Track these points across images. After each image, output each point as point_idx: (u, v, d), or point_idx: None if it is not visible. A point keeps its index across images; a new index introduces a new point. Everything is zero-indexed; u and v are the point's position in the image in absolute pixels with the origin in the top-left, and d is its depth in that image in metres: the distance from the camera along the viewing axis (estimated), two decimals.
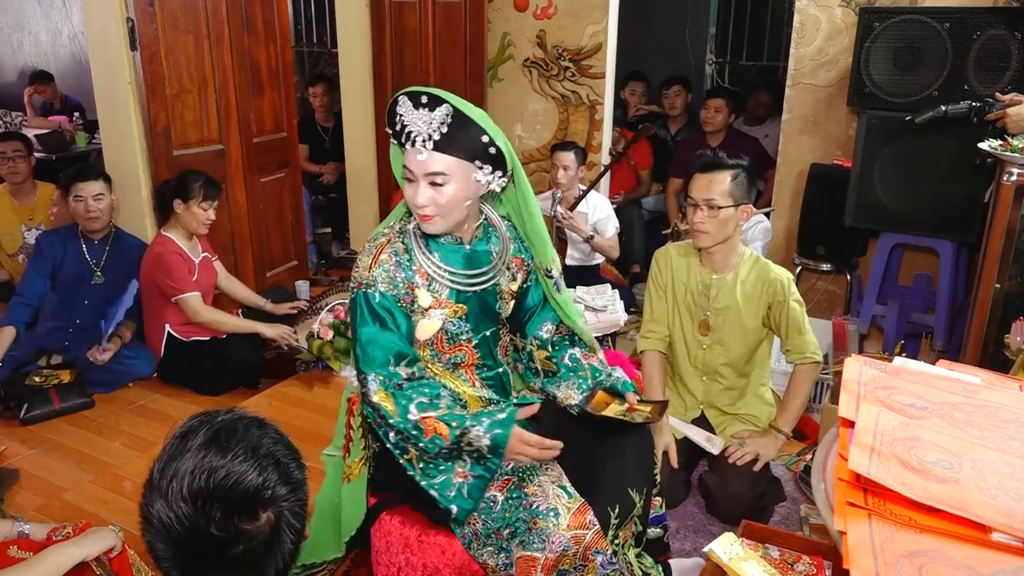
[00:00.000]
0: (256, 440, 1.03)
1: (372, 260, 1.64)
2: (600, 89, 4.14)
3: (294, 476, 1.05)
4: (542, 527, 1.55)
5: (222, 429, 1.03)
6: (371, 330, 1.62)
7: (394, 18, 4.34)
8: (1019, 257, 2.30)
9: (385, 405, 1.58)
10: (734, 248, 2.29)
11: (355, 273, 1.65)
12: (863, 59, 2.93)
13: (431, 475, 1.60)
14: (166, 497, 0.97)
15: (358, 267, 1.65)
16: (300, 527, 1.06)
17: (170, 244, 3.20)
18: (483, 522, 1.62)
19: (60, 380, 3.04)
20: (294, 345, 3.35)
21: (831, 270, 3.51)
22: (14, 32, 7.02)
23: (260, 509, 0.99)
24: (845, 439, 1.12)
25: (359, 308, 1.63)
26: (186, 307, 3.17)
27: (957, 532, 0.94)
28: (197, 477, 0.97)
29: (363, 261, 1.64)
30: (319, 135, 5.16)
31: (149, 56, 3.22)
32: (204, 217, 3.21)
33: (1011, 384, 1.33)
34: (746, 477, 2.27)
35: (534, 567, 1.55)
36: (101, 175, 3.20)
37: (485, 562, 1.61)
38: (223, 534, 0.97)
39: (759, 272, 2.29)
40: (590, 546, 1.58)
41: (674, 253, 2.41)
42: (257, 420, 1.08)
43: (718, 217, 2.19)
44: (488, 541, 1.61)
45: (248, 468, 0.99)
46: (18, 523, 1.68)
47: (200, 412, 1.08)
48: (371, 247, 1.66)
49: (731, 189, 2.18)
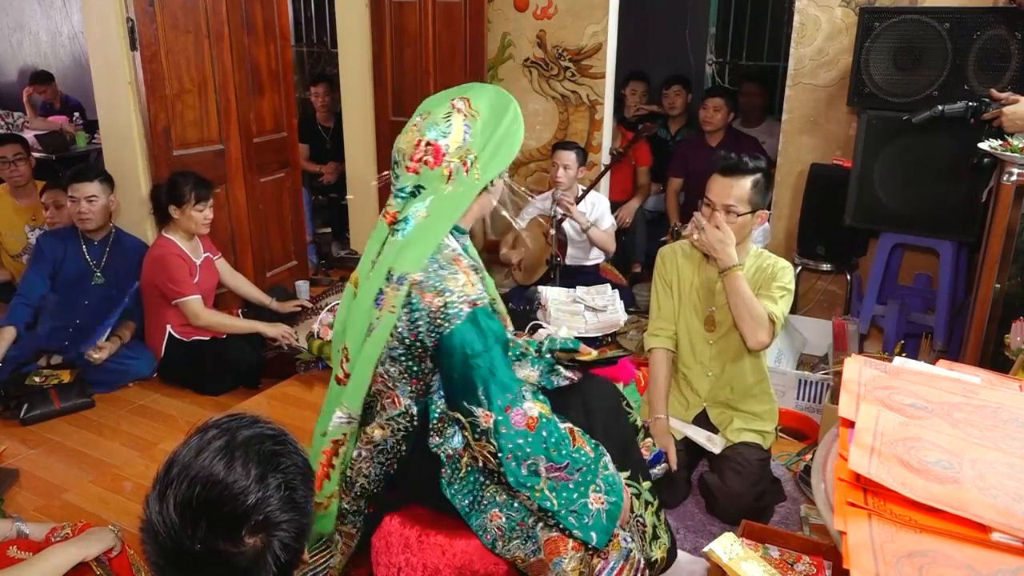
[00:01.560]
0: (267, 458, 0.99)
1: (465, 277, 1.54)
2: (600, 89, 4.14)
3: (298, 502, 1.00)
4: None
5: (236, 441, 0.99)
6: (500, 348, 1.54)
7: (394, 18, 4.34)
8: (1019, 257, 2.30)
9: (545, 412, 1.56)
10: (743, 246, 2.28)
11: (449, 298, 1.50)
12: (863, 59, 2.93)
13: (570, 502, 1.55)
14: (162, 500, 0.95)
15: (452, 291, 1.50)
16: (290, 560, 1.00)
17: (171, 246, 3.20)
18: (507, 516, 1.63)
19: (60, 380, 3.04)
20: (294, 345, 3.35)
21: (831, 270, 3.51)
22: (14, 32, 7.02)
23: (247, 534, 0.95)
24: (845, 439, 1.12)
25: (481, 330, 1.51)
26: (186, 310, 3.17)
27: (957, 532, 0.94)
28: (193, 486, 0.94)
29: (454, 281, 1.51)
30: (319, 135, 5.16)
31: (149, 56, 3.22)
32: (201, 218, 3.21)
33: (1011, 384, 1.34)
34: (746, 477, 2.27)
35: (564, 546, 1.58)
36: (98, 176, 3.19)
37: (514, 555, 1.62)
38: (203, 551, 0.94)
39: (758, 264, 2.30)
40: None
41: (680, 251, 2.42)
42: (277, 436, 1.03)
43: (736, 223, 2.17)
44: (514, 534, 1.62)
45: (246, 487, 0.95)
46: (18, 523, 1.68)
47: (228, 415, 1.04)
48: (446, 264, 1.55)
49: (751, 195, 2.17)
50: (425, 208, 1.56)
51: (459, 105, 1.56)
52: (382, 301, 1.55)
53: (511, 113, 1.59)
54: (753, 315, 2.13)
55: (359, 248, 4.96)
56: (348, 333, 1.65)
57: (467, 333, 1.49)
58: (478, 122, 1.56)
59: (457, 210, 1.58)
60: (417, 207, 1.56)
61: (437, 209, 1.56)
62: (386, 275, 1.55)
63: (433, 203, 1.56)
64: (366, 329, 1.59)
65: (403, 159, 1.57)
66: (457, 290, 1.50)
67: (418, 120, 1.58)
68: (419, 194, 1.56)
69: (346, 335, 1.65)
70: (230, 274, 3.52)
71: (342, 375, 1.66)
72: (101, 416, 3.00)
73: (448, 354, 1.51)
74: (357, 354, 1.60)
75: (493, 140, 1.56)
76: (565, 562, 1.57)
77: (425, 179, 1.55)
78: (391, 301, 1.53)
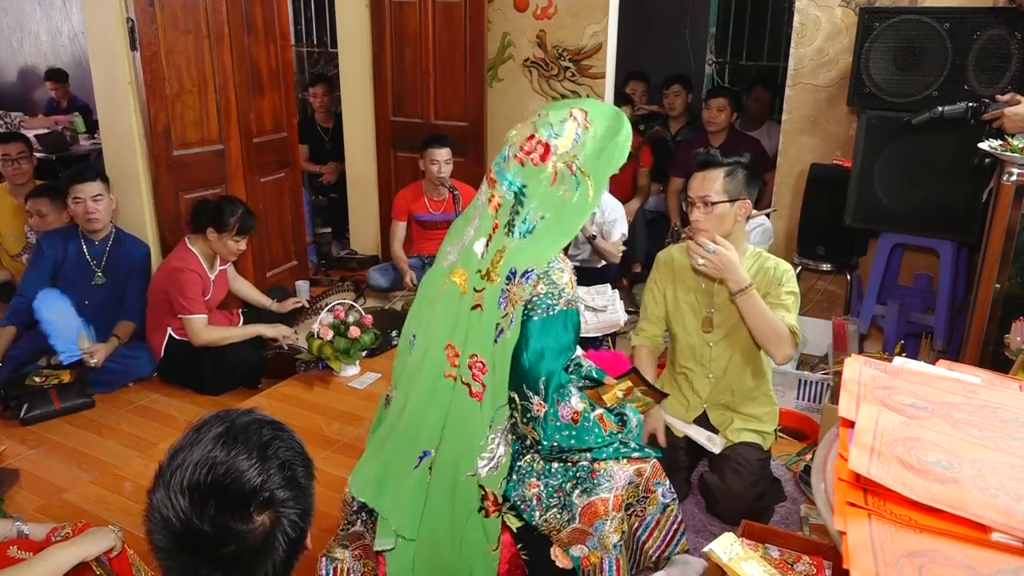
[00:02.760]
0: (266, 442, 1.02)
1: (570, 276, 1.66)
2: (600, 89, 4.14)
3: (300, 482, 1.04)
4: (605, 468, 1.68)
5: (235, 427, 1.03)
6: (571, 351, 1.67)
7: (394, 18, 4.35)
8: (1019, 257, 2.30)
9: (586, 407, 1.66)
10: (738, 246, 2.26)
11: (552, 289, 1.60)
12: (863, 59, 2.93)
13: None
14: (168, 487, 0.97)
15: (556, 284, 1.60)
16: (298, 537, 1.04)
17: (191, 261, 3.19)
18: (545, 483, 1.69)
19: (60, 380, 3.04)
20: (294, 345, 3.35)
21: (831, 270, 3.51)
22: (14, 32, 7.01)
23: (256, 511, 0.98)
24: (845, 439, 1.12)
25: (566, 328, 1.62)
26: (189, 327, 3.17)
27: (957, 532, 0.94)
28: (199, 470, 0.97)
29: (560, 277, 1.62)
30: (319, 135, 5.16)
31: (149, 56, 3.22)
32: (236, 248, 3.22)
33: (1011, 384, 1.34)
34: (746, 477, 2.27)
35: (604, 508, 1.65)
36: (98, 176, 3.19)
37: (550, 525, 1.68)
38: (215, 531, 0.96)
39: (759, 265, 2.29)
40: (651, 477, 1.77)
41: (676, 253, 2.42)
42: (274, 423, 1.07)
43: (713, 213, 2.18)
44: (552, 501, 1.68)
45: (250, 467, 0.99)
46: (18, 523, 1.68)
47: (224, 410, 1.08)
48: (558, 260, 1.64)
49: (725, 185, 2.18)
50: (540, 211, 1.60)
51: (576, 115, 1.62)
52: (505, 299, 1.58)
53: (623, 135, 1.65)
54: (776, 333, 2.11)
55: (359, 248, 4.96)
56: (468, 342, 1.60)
57: (555, 326, 1.59)
58: (589, 133, 1.61)
59: (581, 215, 1.62)
60: (531, 209, 1.60)
61: (559, 213, 1.60)
62: (507, 277, 1.58)
63: (546, 206, 1.60)
64: (493, 331, 1.58)
65: (512, 148, 1.62)
66: (562, 285, 1.61)
67: (536, 118, 1.64)
68: (524, 195, 1.60)
69: (466, 345, 1.60)
70: (233, 277, 3.54)
71: (479, 389, 1.60)
72: (101, 416, 3.00)
73: (528, 338, 1.58)
74: (493, 360, 1.58)
75: (598, 152, 1.62)
76: (607, 524, 1.65)
77: (528, 175, 1.59)
78: (517, 296, 1.58)
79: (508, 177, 1.61)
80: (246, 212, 3.20)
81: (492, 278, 1.58)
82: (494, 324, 1.58)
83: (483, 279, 1.60)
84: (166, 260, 3.27)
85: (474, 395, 1.60)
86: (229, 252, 3.24)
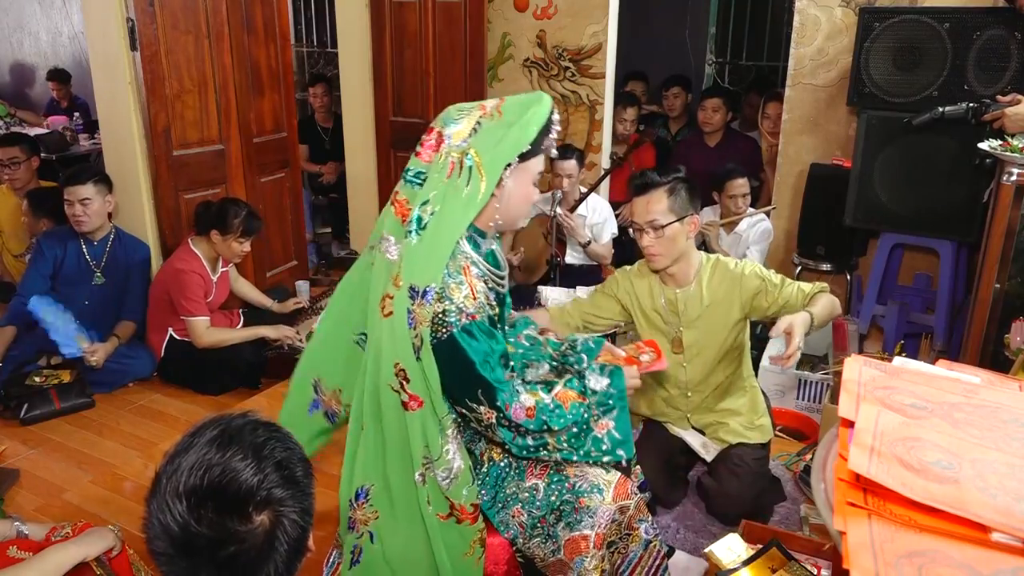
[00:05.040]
0: (261, 442, 1.02)
1: (469, 288, 1.53)
2: (600, 89, 4.14)
3: (298, 480, 1.03)
4: (588, 504, 1.61)
5: (230, 429, 1.02)
6: (494, 358, 1.54)
7: (394, 18, 4.34)
8: (1019, 257, 2.30)
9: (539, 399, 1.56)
10: (691, 260, 2.22)
11: (448, 307, 1.49)
12: (863, 59, 2.93)
13: (581, 445, 1.60)
14: (165, 493, 0.97)
15: (452, 300, 1.49)
16: (300, 536, 1.03)
17: (194, 262, 3.19)
18: (528, 512, 1.66)
19: (60, 380, 3.04)
20: (295, 345, 3.35)
21: (831, 270, 3.51)
22: (14, 32, 7.01)
23: (255, 510, 0.98)
24: (845, 439, 1.11)
25: (474, 342, 1.51)
26: (191, 329, 3.17)
27: (957, 532, 0.94)
28: (194, 473, 0.97)
29: (458, 291, 1.51)
30: (319, 135, 5.16)
31: (149, 56, 3.22)
32: (239, 250, 3.22)
33: (1011, 384, 1.33)
34: (743, 479, 2.27)
35: (586, 545, 1.60)
36: (91, 178, 3.14)
37: (534, 553, 1.65)
38: (214, 533, 0.96)
39: (721, 273, 2.22)
40: (635, 515, 1.69)
41: (633, 276, 2.34)
42: (269, 425, 1.07)
43: (665, 236, 2.12)
44: (535, 531, 1.65)
45: (246, 467, 0.98)
46: (18, 523, 1.68)
47: (219, 414, 1.07)
48: (456, 272, 1.52)
49: (671, 204, 2.11)
50: (431, 205, 1.51)
51: (487, 105, 1.55)
52: (414, 320, 1.50)
53: (529, 114, 1.51)
54: (831, 313, 2.07)
55: (359, 248, 4.96)
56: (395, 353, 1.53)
57: (462, 343, 1.50)
58: (493, 122, 1.51)
59: (467, 211, 1.52)
60: (423, 202, 1.51)
61: (446, 208, 1.50)
62: (409, 293, 1.49)
63: (439, 199, 1.51)
64: (411, 348, 1.51)
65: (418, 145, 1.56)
66: (458, 301, 1.50)
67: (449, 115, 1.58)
68: (423, 185, 1.53)
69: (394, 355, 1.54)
70: (234, 277, 3.53)
71: (407, 398, 1.53)
72: (101, 416, 3.00)
73: (443, 361, 1.51)
74: (420, 373, 1.52)
75: (497, 139, 1.51)
76: (587, 560, 1.60)
77: (428, 168, 1.53)
78: (422, 317, 1.49)
79: (409, 170, 1.55)
80: (250, 214, 3.20)
81: (397, 283, 1.51)
82: (409, 342, 1.51)
83: (392, 284, 1.53)
84: (169, 261, 3.27)
85: (405, 404, 1.54)
86: (233, 254, 3.24)
